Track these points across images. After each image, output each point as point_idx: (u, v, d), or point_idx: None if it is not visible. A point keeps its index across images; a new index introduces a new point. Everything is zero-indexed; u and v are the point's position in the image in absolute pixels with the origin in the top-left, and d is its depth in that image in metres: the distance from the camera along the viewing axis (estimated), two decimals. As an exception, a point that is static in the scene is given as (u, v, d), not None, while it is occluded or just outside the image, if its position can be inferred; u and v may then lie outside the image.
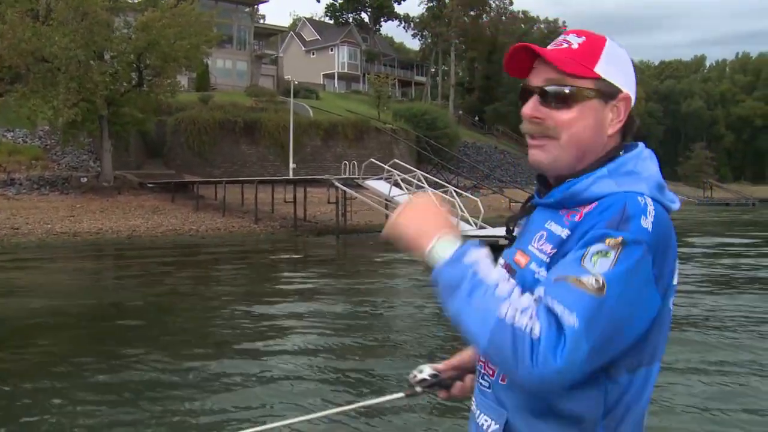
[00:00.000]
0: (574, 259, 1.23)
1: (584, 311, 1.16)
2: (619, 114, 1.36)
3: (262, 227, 27.84)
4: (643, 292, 1.22)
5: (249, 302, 12.06)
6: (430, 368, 1.69)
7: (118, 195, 31.51)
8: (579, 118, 1.34)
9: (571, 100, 1.34)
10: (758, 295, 12.23)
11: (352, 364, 7.63)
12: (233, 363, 7.72)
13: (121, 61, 31.06)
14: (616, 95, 1.35)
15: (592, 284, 1.18)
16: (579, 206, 1.32)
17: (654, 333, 1.30)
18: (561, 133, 1.34)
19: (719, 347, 8.12)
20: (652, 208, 1.25)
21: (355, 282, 14.92)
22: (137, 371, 7.27)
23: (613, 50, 1.36)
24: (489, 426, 1.38)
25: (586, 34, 1.37)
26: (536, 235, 1.37)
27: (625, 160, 1.34)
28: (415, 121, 51.59)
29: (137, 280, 15.08)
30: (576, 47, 1.35)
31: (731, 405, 5.98)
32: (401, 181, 23.83)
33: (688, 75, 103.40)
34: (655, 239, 1.22)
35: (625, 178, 1.31)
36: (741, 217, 43.93)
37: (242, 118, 41.74)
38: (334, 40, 71.09)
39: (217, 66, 55.68)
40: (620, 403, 1.30)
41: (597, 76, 1.33)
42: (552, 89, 1.34)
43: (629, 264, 1.19)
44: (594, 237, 1.23)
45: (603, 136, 1.36)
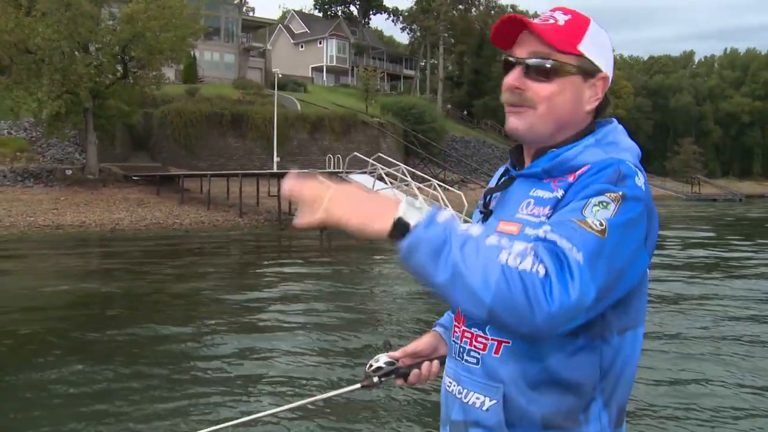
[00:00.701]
0: (576, 208, 1.24)
1: (590, 249, 1.17)
2: (597, 92, 1.41)
3: (246, 221, 27.78)
4: (637, 246, 1.25)
5: (225, 296, 12.05)
6: (386, 357, 1.68)
7: (103, 188, 31.34)
8: (559, 91, 1.38)
9: (553, 74, 1.37)
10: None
11: (323, 357, 7.66)
12: (204, 357, 7.72)
13: (106, 53, 30.87)
14: (596, 74, 1.40)
15: (596, 225, 1.20)
16: (568, 173, 1.35)
17: (637, 295, 1.34)
18: (539, 104, 1.38)
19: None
20: (641, 173, 1.30)
21: (333, 274, 14.91)
22: (113, 364, 7.28)
23: (596, 31, 1.41)
24: (483, 403, 1.36)
25: (572, 12, 1.41)
26: (522, 203, 1.38)
27: (607, 132, 1.41)
28: (402, 115, 51.54)
29: (116, 273, 15.02)
30: (562, 24, 1.39)
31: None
32: (385, 175, 23.79)
33: (677, 70, 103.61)
34: (648, 199, 1.27)
35: (610, 147, 1.37)
36: (726, 212, 44.14)
37: (229, 111, 41.54)
38: (323, 33, 70.84)
39: (205, 58, 55.41)
40: (614, 365, 1.32)
41: (580, 53, 1.38)
42: (537, 62, 1.38)
43: (629, 216, 1.22)
44: (595, 190, 1.26)
45: (580, 112, 1.41)
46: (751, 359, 7.52)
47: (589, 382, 1.31)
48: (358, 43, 73.69)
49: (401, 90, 74.38)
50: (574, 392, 1.30)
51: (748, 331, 8.89)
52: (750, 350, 7.93)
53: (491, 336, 1.36)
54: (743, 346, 8.13)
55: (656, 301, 10.84)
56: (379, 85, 58.09)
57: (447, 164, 48.07)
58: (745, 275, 14.49)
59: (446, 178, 43.37)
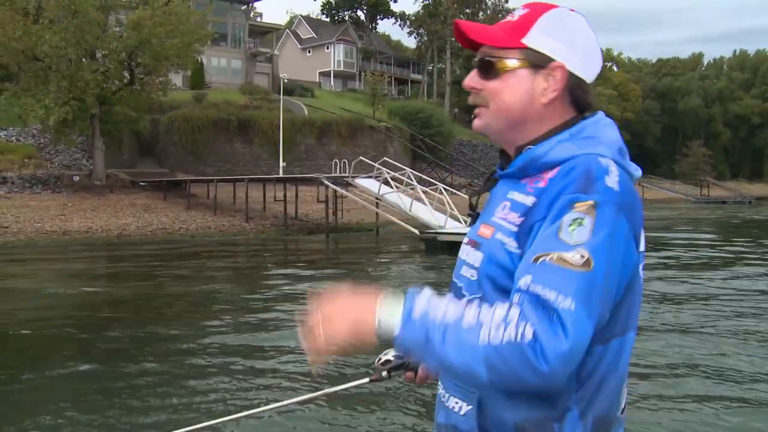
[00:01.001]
0: (551, 234, 1.20)
1: (578, 292, 1.14)
2: (555, 82, 1.35)
3: (252, 226, 27.80)
4: (624, 252, 1.22)
5: (230, 297, 12.04)
6: (395, 351, 1.63)
7: (110, 193, 31.45)
8: (505, 87, 1.36)
9: (496, 70, 1.37)
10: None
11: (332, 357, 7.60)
12: (210, 353, 7.74)
13: (113, 60, 31.00)
14: (547, 64, 1.34)
15: (577, 260, 1.15)
16: (541, 172, 1.31)
17: (627, 301, 1.28)
18: (490, 101, 1.38)
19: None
20: (614, 168, 1.25)
21: (340, 276, 14.88)
22: (120, 363, 7.30)
23: (554, 19, 1.36)
24: (461, 408, 1.35)
25: (532, 5, 1.38)
26: (499, 206, 1.35)
27: (584, 126, 1.35)
28: (409, 119, 51.53)
29: (121, 277, 15.06)
30: (515, 19, 1.37)
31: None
32: (390, 179, 23.77)
33: (686, 72, 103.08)
34: (622, 198, 1.22)
35: (585, 141, 1.31)
36: (736, 215, 43.86)
37: (236, 117, 41.66)
38: (330, 38, 70.98)
39: (212, 64, 55.56)
40: (594, 374, 1.27)
41: (523, 46, 1.34)
42: (480, 60, 1.39)
43: (607, 228, 1.18)
44: (564, 205, 1.22)
45: (535, 105, 1.36)
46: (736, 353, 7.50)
47: (563, 392, 1.25)
48: (366, 48, 73.79)
49: (408, 94, 74.40)
50: (548, 402, 1.26)
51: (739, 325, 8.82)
52: (737, 343, 7.95)
53: None
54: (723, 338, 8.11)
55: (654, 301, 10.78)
56: (386, 89, 58.17)
57: (454, 168, 48.04)
58: (734, 275, 14.39)
59: (453, 182, 43.33)
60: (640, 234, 1.29)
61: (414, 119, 51.59)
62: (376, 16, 79.79)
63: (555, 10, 1.37)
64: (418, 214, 22.26)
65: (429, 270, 16.95)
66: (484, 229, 1.36)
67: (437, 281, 14.52)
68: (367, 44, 74.70)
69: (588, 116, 1.39)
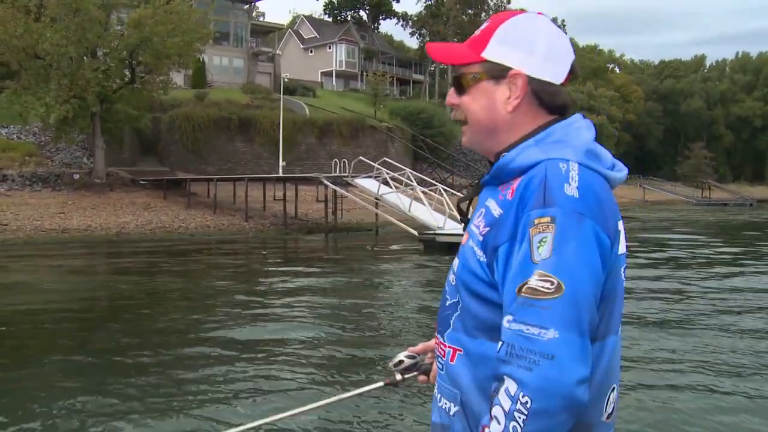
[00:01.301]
0: (524, 258, 1.23)
1: (558, 315, 1.17)
2: (516, 90, 1.38)
3: (252, 225, 27.80)
4: (592, 254, 1.22)
5: (228, 299, 12.03)
6: (408, 353, 1.69)
7: (110, 192, 31.47)
8: (472, 100, 1.43)
9: (462, 85, 1.44)
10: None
11: (336, 358, 7.62)
12: (213, 359, 7.71)
13: (114, 58, 31.02)
14: (506, 74, 1.39)
15: (548, 289, 1.18)
16: (510, 179, 1.33)
17: (604, 304, 1.29)
18: (466, 116, 1.45)
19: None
20: (575, 173, 1.26)
21: (339, 274, 14.88)
22: (120, 367, 7.28)
23: (511, 27, 1.40)
24: (449, 408, 1.40)
25: (495, 17, 1.43)
26: (478, 212, 1.39)
27: (553, 130, 1.37)
28: (411, 120, 51.48)
29: (118, 275, 15.06)
30: (477, 33, 1.43)
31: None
32: (390, 180, 23.76)
33: (688, 74, 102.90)
34: (583, 202, 1.23)
35: (550, 146, 1.33)
36: (737, 218, 43.80)
37: (237, 116, 41.66)
38: (333, 37, 71.00)
39: (214, 63, 55.60)
40: None
41: (483, 59, 1.40)
42: (453, 78, 1.47)
43: (571, 241, 1.20)
44: (526, 224, 1.24)
45: (501, 113, 1.40)
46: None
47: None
48: (368, 48, 73.79)
49: (410, 95, 74.38)
50: None
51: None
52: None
53: (448, 343, 1.40)
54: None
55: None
56: (388, 89, 58.10)
57: (455, 169, 47.98)
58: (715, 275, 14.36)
59: (454, 182, 43.29)
60: (615, 235, 1.29)
61: (415, 120, 51.54)
62: (379, 17, 79.78)
63: (513, 18, 1.41)
64: (417, 215, 22.24)
65: (426, 270, 16.95)
66: (465, 236, 1.41)
67: (435, 281, 14.53)
68: (369, 44, 74.70)
69: (561, 119, 1.40)
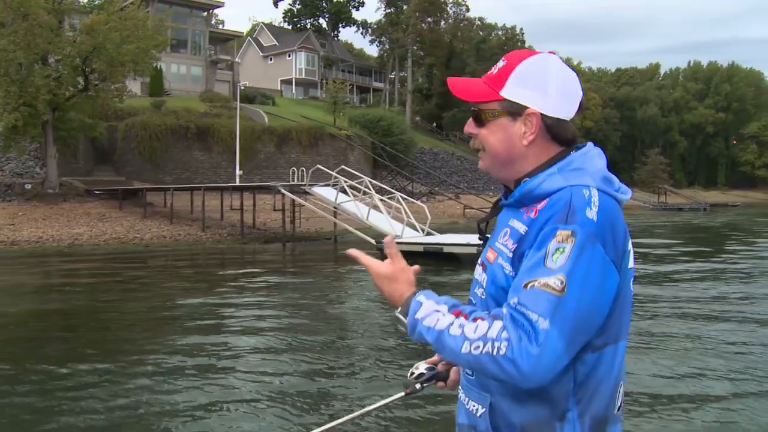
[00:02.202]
0: (539, 261, 1.38)
1: (553, 314, 1.32)
2: (532, 126, 1.53)
3: (209, 235, 27.36)
4: (601, 275, 1.38)
5: (173, 313, 11.76)
6: (425, 363, 1.82)
7: (64, 202, 30.76)
8: (490, 133, 1.57)
9: (482, 120, 1.58)
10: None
11: (304, 379, 7.45)
12: (155, 380, 7.46)
13: (66, 65, 30.32)
14: (522, 112, 1.53)
15: (557, 285, 1.34)
16: (535, 203, 1.48)
17: (617, 313, 1.46)
18: (484, 145, 1.59)
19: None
20: (596, 198, 1.41)
21: (298, 283, 14.69)
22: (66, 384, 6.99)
23: (526, 69, 1.54)
24: (477, 410, 1.55)
25: (509, 57, 1.57)
26: (501, 232, 1.54)
27: (572, 159, 1.52)
28: (370, 127, 51.44)
29: (67, 289, 14.65)
30: (495, 72, 1.57)
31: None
32: (348, 188, 23.63)
33: (644, 82, 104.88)
34: (600, 227, 1.38)
35: (571, 174, 1.48)
36: (691, 222, 44.70)
37: (195, 124, 41.14)
38: (292, 45, 70.71)
39: (172, 71, 54.88)
40: (590, 379, 1.46)
41: (501, 98, 1.54)
42: (472, 111, 1.60)
43: (583, 256, 1.35)
44: (547, 235, 1.40)
45: (518, 146, 1.55)
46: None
47: (563, 396, 1.45)
48: (328, 56, 73.65)
49: (371, 102, 74.41)
50: (550, 404, 1.45)
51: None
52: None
53: None
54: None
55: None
56: (348, 97, 58.02)
57: (415, 176, 48.10)
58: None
59: (414, 190, 43.40)
60: (625, 254, 1.46)
61: (375, 127, 51.52)
62: (338, 24, 79.80)
63: (528, 60, 1.55)
64: (375, 223, 22.15)
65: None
66: (489, 253, 1.57)
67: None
68: (329, 52, 74.58)
69: (577, 148, 1.57)
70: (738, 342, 8.88)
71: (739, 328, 9.83)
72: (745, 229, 36.19)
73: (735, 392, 6.68)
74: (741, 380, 7.10)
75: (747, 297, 12.82)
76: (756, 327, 9.92)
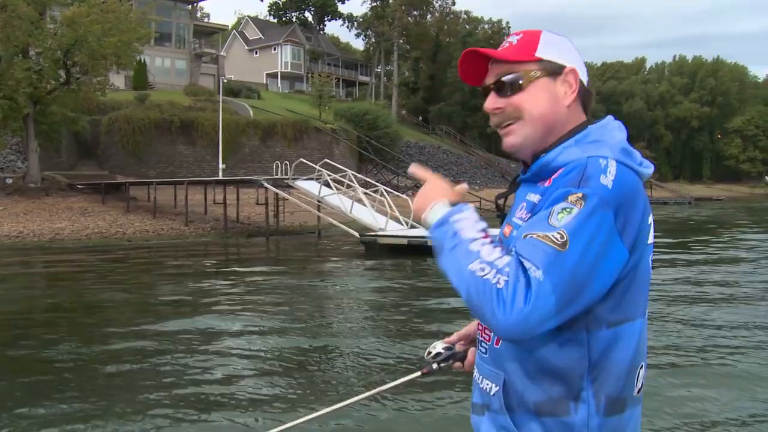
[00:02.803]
0: (543, 217, 1.36)
1: (549, 266, 1.28)
2: (571, 85, 1.52)
3: (192, 229, 27.16)
4: (606, 244, 1.32)
5: (146, 308, 11.66)
6: (442, 343, 1.81)
7: (46, 197, 30.49)
8: (533, 96, 1.50)
9: (521, 84, 1.51)
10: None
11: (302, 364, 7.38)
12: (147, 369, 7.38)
13: (47, 58, 29.98)
14: (561, 70, 1.51)
15: (557, 239, 1.30)
16: (551, 175, 1.45)
17: (633, 289, 1.42)
18: (522, 113, 1.51)
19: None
20: (613, 168, 1.37)
21: (284, 278, 14.61)
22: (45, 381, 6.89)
23: (549, 37, 1.54)
24: (491, 389, 1.51)
25: (523, 32, 1.56)
26: (518, 207, 1.52)
27: (590, 131, 1.50)
28: (356, 121, 51.27)
29: (46, 284, 14.50)
30: (516, 42, 1.54)
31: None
32: (332, 181, 23.52)
33: (629, 76, 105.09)
34: (613, 195, 1.34)
35: (589, 146, 1.45)
36: (675, 215, 44.94)
37: (179, 118, 40.86)
38: (278, 39, 70.40)
39: (156, 64, 54.51)
40: (606, 357, 1.41)
41: (538, 58, 1.51)
42: (504, 78, 1.52)
43: (590, 218, 1.31)
44: (558, 196, 1.37)
45: (561, 108, 1.51)
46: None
47: (576, 373, 1.40)
48: (313, 50, 73.37)
49: (356, 96, 74.22)
50: (564, 382, 1.41)
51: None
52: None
53: None
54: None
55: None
56: (333, 91, 57.78)
57: (401, 170, 48.04)
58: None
59: (400, 183, 43.32)
60: (644, 228, 1.41)
61: (360, 121, 51.36)
62: (324, 18, 79.47)
63: (547, 32, 1.56)
64: (358, 216, 22.07)
65: (368, 272, 16.82)
66: (506, 228, 1.54)
67: (377, 283, 14.43)
68: (314, 46, 74.31)
69: (595, 121, 1.54)
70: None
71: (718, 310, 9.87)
72: (726, 222, 36.44)
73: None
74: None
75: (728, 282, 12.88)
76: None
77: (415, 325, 9.94)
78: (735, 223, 34.71)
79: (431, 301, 11.85)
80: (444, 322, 9.89)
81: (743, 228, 30.76)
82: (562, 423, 1.41)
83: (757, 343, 8.41)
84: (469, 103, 74.17)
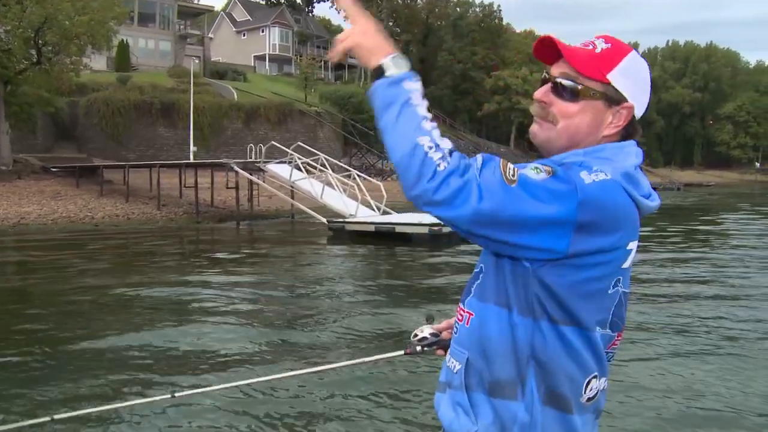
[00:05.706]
0: (499, 177, 1.34)
1: (489, 186, 1.29)
2: (620, 119, 1.49)
3: (164, 213, 26.57)
4: (539, 216, 1.30)
5: (82, 297, 11.16)
6: (430, 328, 1.83)
7: (18, 180, 29.84)
8: (579, 112, 1.48)
9: (576, 95, 1.48)
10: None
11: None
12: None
13: (17, 36, 29.19)
14: (621, 102, 1.48)
15: (510, 175, 1.31)
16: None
17: (577, 297, 1.40)
18: (559, 120, 1.49)
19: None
20: (603, 176, 1.36)
21: (254, 265, 14.12)
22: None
23: (632, 63, 1.49)
24: (455, 366, 1.55)
25: (613, 41, 1.50)
26: None
27: (604, 147, 1.47)
28: (341, 104, 50.67)
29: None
30: (599, 51, 1.48)
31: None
32: (303, 165, 22.98)
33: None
34: (585, 192, 1.32)
35: (595, 159, 1.42)
36: (663, 201, 44.63)
37: (159, 100, 40.20)
38: (266, 21, 69.49)
39: (139, 45, 53.66)
40: (549, 350, 1.43)
41: (607, 81, 1.47)
42: (563, 82, 1.49)
43: (546, 185, 1.31)
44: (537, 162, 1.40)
45: (597, 135, 1.49)
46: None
47: (523, 358, 1.43)
48: (302, 32, 72.51)
49: (346, 79, 73.49)
50: (515, 365, 1.44)
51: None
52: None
53: (466, 308, 1.55)
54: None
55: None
56: (322, 74, 57.07)
57: (385, 154, 47.54)
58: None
59: (384, 167, 42.88)
60: (617, 249, 1.40)
61: (346, 104, 50.75)
62: (313, 0, 78.50)
63: (633, 54, 1.49)
64: (329, 202, 21.54)
65: (334, 258, 16.37)
66: None
67: (343, 268, 14.03)
68: (303, 28, 73.41)
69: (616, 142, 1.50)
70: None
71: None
72: (710, 209, 36.13)
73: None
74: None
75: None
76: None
77: (375, 309, 9.69)
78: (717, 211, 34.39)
79: (394, 282, 11.84)
80: (409, 306, 9.76)
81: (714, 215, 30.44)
82: (507, 408, 1.46)
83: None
84: (459, 87, 73.53)
